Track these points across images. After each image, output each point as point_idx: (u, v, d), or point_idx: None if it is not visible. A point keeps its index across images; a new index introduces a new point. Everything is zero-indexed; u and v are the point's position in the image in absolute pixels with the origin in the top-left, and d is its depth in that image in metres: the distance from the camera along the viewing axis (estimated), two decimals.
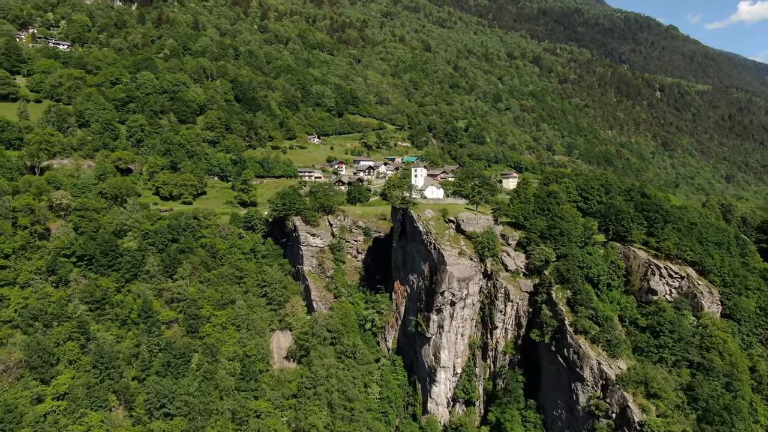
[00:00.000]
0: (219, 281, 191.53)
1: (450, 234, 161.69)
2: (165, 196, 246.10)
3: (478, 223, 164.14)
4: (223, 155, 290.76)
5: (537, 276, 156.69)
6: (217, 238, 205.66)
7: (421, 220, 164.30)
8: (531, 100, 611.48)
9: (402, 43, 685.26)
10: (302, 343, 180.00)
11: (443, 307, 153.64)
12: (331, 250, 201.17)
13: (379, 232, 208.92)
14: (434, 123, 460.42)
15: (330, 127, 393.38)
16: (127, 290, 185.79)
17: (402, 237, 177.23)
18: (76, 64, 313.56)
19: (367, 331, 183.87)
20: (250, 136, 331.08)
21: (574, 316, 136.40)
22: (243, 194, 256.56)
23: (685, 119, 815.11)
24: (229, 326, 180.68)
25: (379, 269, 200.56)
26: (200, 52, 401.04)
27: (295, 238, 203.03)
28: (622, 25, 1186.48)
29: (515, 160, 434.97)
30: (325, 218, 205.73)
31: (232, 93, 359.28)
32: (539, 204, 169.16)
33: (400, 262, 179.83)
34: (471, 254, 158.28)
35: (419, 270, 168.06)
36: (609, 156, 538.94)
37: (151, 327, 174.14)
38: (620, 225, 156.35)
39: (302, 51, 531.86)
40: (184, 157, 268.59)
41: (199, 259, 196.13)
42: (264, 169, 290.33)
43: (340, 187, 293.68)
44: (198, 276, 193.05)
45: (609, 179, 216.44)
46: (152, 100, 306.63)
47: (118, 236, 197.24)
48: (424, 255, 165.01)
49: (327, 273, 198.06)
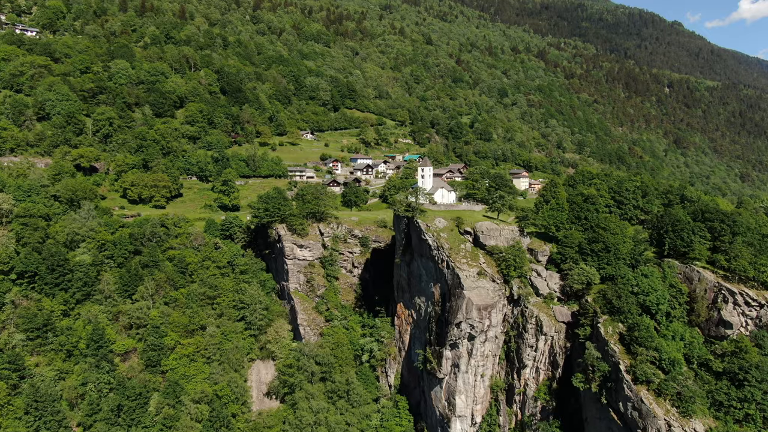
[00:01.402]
0: (188, 302, 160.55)
1: (467, 249, 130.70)
2: (133, 199, 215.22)
3: (500, 235, 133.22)
4: (204, 152, 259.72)
5: (576, 302, 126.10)
6: (187, 250, 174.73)
7: (430, 232, 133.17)
8: (538, 94, 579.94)
9: (402, 36, 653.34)
10: (286, 378, 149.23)
11: (459, 342, 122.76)
12: (321, 264, 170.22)
13: (378, 243, 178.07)
14: (437, 118, 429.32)
15: (325, 122, 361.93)
16: (76, 314, 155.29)
17: (407, 251, 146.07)
18: (41, 51, 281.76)
19: (364, 364, 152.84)
20: (236, 132, 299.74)
21: (632, 359, 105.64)
22: (223, 197, 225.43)
23: (695, 116, 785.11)
24: (198, 358, 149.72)
25: (378, 287, 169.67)
26: (184, 41, 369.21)
27: (279, 250, 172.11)
28: (626, 20, 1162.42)
29: (524, 159, 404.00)
30: (314, 226, 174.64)
31: (218, 84, 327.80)
32: (575, 211, 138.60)
33: (405, 282, 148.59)
34: (493, 274, 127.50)
35: (428, 292, 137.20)
36: (622, 154, 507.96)
37: (100, 360, 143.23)
38: (678, 238, 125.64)
39: (296, 42, 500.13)
40: (159, 154, 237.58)
41: (164, 275, 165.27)
42: (249, 167, 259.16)
43: (334, 188, 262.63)
44: (163, 296, 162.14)
45: (646, 180, 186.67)
46: (125, 91, 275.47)
47: (69, 248, 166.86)
48: (434, 274, 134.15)
49: (317, 291, 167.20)
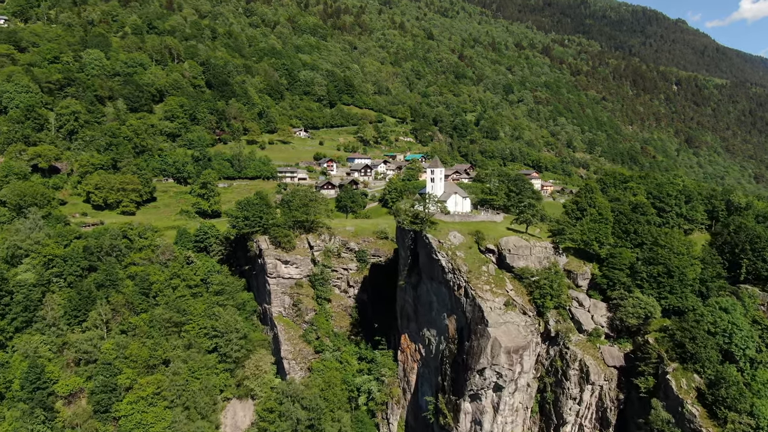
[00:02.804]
0: (149, 330, 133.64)
1: (489, 272, 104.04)
2: (98, 204, 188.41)
3: (531, 254, 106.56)
4: (183, 151, 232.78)
5: (629, 340, 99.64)
6: (152, 266, 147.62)
7: (443, 250, 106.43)
8: (545, 91, 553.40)
9: (402, 31, 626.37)
10: (266, 426, 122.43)
11: (482, 393, 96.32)
12: (311, 283, 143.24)
13: (378, 257, 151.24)
14: (440, 115, 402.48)
15: (320, 118, 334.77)
16: (12, 346, 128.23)
17: (413, 271, 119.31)
18: (5, 39, 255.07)
19: (360, 408, 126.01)
20: (221, 128, 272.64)
21: (719, 428, 79.30)
22: (202, 201, 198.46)
23: (705, 114, 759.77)
24: (158, 402, 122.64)
25: (378, 311, 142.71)
26: (169, 31, 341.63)
27: (260, 267, 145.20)
28: (630, 17, 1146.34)
29: (533, 158, 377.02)
30: (303, 238, 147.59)
31: (203, 77, 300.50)
32: (621, 223, 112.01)
33: (410, 309, 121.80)
34: (523, 305, 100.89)
35: (440, 324, 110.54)
36: (634, 153, 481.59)
37: (34, 407, 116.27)
38: (761, 259, 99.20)
39: (291, 36, 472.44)
40: (130, 153, 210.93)
41: (123, 297, 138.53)
42: (234, 168, 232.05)
43: (329, 190, 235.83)
44: (120, 322, 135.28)
45: (687, 183, 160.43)
46: (98, 83, 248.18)
47: (10, 264, 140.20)
48: (448, 303, 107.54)
49: (305, 316, 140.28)
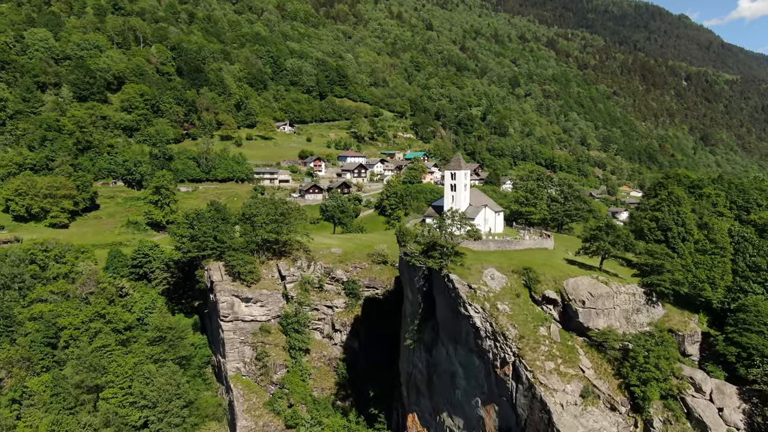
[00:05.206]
0: (52, 400, 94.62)
1: (553, 337, 65.30)
2: (20, 214, 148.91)
3: (615, 307, 67.92)
4: (141, 148, 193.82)
5: None
6: (67, 303, 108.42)
7: (476, 301, 67.61)
8: (554, 85, 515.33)
9: (400, 21, 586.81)
10: None
11: None
12: (281, 327, 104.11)
13: (374, 289, 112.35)
14: (443, 109, 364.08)
15: (308, 111, 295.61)
16: None
17: (425, 325, 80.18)
18: None
19: None
20: (191, 121, 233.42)
21: None
22: (155, 210, 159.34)
23: (717, 111, 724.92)
24: None
25: (374, 365, 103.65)
26: (138, 12, 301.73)
27: (212, 305, 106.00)
28: (633, 12, 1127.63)
29: (546, 157, 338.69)
30: (271, 265, 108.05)
31: (173, 64, 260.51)
32: (744, 254, 73.64)
33: (421, 379, 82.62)
34: (610, 393, 62.38)
35: (469, 413, 71.84)
36: (652, 152, 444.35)
37: None
38: None
39: (279, 22, 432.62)
40: (71, 150, 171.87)
41: (21, 348, 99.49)
42: (201, 168, 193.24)
43: (315, 195, 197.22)
44: (11, 386, 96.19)
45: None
46: (39, 67, 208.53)
47: None
48: (483, 383, 68.96)
49: (272, 375, 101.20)
